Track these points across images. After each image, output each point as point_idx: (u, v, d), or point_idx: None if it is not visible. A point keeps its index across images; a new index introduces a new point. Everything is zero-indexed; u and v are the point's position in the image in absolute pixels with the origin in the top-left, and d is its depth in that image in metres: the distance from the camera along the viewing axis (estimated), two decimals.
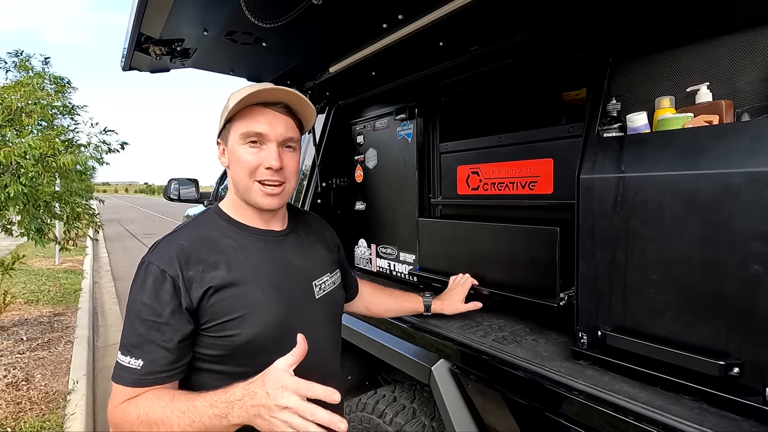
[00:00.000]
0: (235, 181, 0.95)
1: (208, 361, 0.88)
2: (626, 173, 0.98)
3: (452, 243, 1.60)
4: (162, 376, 0.82)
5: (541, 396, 1.04)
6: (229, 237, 0.94)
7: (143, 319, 0.82)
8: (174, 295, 0.83)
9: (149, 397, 0.80)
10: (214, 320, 0.86)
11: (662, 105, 0.99)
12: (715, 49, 0.96)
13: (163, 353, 0.82)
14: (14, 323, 4.49)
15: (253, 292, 0.90)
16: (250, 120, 0.92)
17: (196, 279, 0.85)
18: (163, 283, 0.83)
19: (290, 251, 1.02)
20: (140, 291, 0.84)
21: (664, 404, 0.87)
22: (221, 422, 0.73)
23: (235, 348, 0.87)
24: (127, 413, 0.79)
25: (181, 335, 0.83)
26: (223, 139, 0.97)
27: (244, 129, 0.92)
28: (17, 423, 2.70)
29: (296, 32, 1.47)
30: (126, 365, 0.81)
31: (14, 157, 3.69)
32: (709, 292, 0.85)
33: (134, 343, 0.82)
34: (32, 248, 8.30)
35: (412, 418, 1.51)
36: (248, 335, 0.87)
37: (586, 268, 1.06)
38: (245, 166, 0.92)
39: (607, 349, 1.02)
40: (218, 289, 0.86)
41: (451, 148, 1.77)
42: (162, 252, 0.88)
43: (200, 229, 0.94)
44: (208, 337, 0.86)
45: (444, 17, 1.24)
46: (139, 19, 1.34)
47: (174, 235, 0.93)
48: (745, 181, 0.80)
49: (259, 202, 0.94)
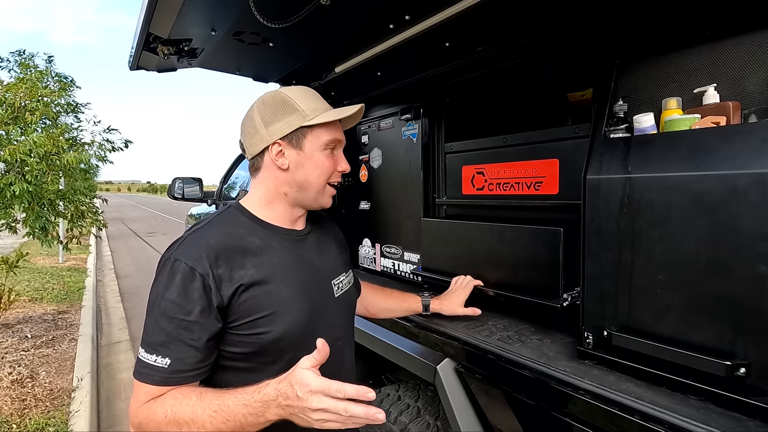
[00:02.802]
0: (308, 183, 0.98)
1: (233, 359, 0.88)
2: (633, 174, 0.98)
3: (455, 243, 1.60)
4: (189, 375, 0.82)
5: (546, 395, 1.04)
6: (255, 235, 0.94)
7: (171, 317, 0.81)
8: (204, 293, 0.82)
9: (176, 396, 0.80)
10: (244, 318, 0.86)
11: (669, 106, 0.99)
12: (723, 51, 0.96)
13: (192, 352, 0.81)
14: (19, 321, 4.52)
15: (281, 290, 0.90)
16: (332, 129, 0.99)
17: (226, 277, 0.85)
18: (192, 280, 0.82)
19: (311, 251, 1.03)
20: (167, 288, 0.83)
21: (670, 404, 0.87)
22: (257, 420, 0.74)
23: (264, 345, 0.87)
24: (154, 412, 0.79)
25: (210, 334, 0.83)
26: (291, 141, 0.96)
27: (330, 137, 0.98)
28: (22, 419, 2.71)
29: (303, 32, 1.48)
30: (152, 363, 0.80)
31: (19, 155, 3.71)
32: (716, 293, 0.86)
33: (161, 342, 0.81)
34: (36, 246, 8.33)
35: (417, 417, 1.52)
36: (278, 333, 0.88)
37: (592, 268, 1.06)
38: (326, 170, 0.99)
39: (612, 349, 1.03)
40: (249, 287, 0.86)
41: (456, 148, 1.77)
42: (189, 249, 0.87)
43: (226, 227, 0.94)
44: (236, 335, 0.86)
45: (451, 18, 1.24)
46: (147, 19, 1.35)
47: (199, 232, 0.92)
48: (752, 182, 0.80)
49: (326, 202, 1.02)
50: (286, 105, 0.95)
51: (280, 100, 0.95)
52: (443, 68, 1.64)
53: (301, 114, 0.94)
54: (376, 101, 2.12)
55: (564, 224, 1.26)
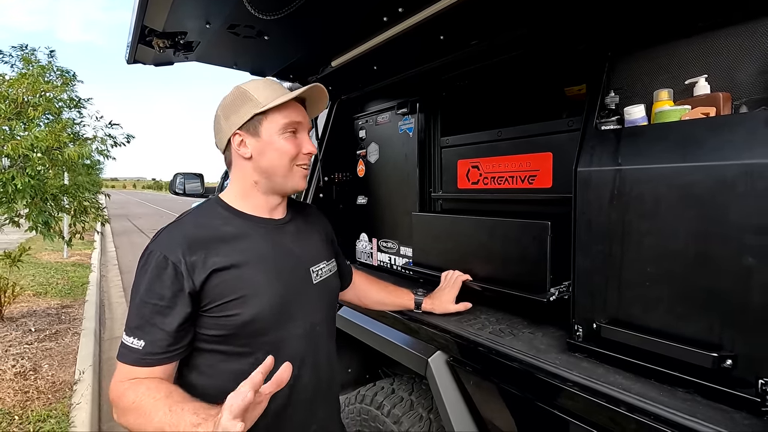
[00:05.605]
0: (272, 168, 1.00)
1: (209, 341, 0.93)
2: (623, 166, 0.97)
3: (445, 238, 1.59)
4: (162, 357, 0.87)
5: (535, 387, 1.04)
6: (230, 224, 0.99)
7: (145, 302, 0.87)
8: (176, 279, 0.87)
9: (149, 386, 0.83)
10: (216, 301, 0.90)
11: (660, 97, 0.99)
12: (714, 41, 0.95)
13: (163, 335, 0.86)
14: (23, 314, 4.56)
15: (254, 275, 0.94)
16: (288, 111, 1.00)
17: (199, 264, 0.89)
18: (165, 268, 0.88)
19: (289, 238, 1.06)
20: (143, 276, 0.89)
21: (657, 396, 0.87)
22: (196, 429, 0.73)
23: (236, 328, 0.91)
24: (125, 394, 0.83)
25: (181, 319, 0.87)
26: (248, 130, 0.99)
27: (286, 120, 0.99)
28: (24, 411, 2.75)
29: (298, 25, 1.48)
30: (129, 345, 0.87)
31: (22, 150, 3.73)
32: (704, 285, 0.85)
33: (137, 325, 0.87)
34: (41, 242, 8.40)
35: (410, 409, 1.53)
36: (248, 315, 0.91)
37: (583, 261, 1.06)
38: (289, 153, 1.00)
39: (601, 342, 1.03)
40: (220, 271, 0.91)
41: (451, 143, 1.77)
42: (164, 240, 0.93)
43: (202, 218, 0.99)
44: (209, 317, 0.91)
45: (444, 10, 1.24)
46: (142, 12, 1.35)
47: (176, 223, 0.97)
48: (740, 173, 0.80)
49: (297, 184, 1.04)
50: (242, 96, 0.99)
51: (238, 93, 1.00)
52: (438, 62, 1.63)
53: (255, 102, 0.98)
54: (373, 95, 2.12)
55: (558, 218, 1.25)
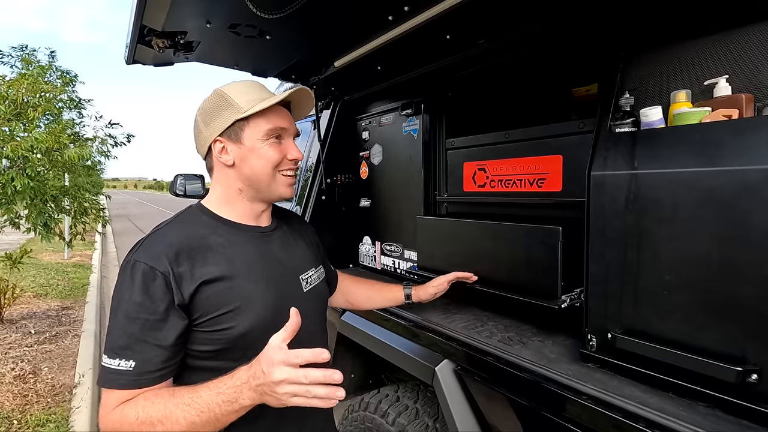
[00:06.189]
0: (255, 175, 0.95)
1: (201, 358, 0.87)
2: (639, 170, 0.94)
3: (451, 242, 1.56)
4: (156, 375, 0.81)
5: (547, 399, 1.01)
6: (216, 233, 0.93)
7: (134, 318, 0.80)
8: (167, 290, 0.81)
9: (147, 397, 0.78)
10: (207, 315, 0.85)
11: (678, 99, 0.95)
12: (735, 40, 0.91)
13: (157, 351, 0.80)
14: (23, 316, 4.53)
15: (245, 285, 0.89)
16: (272, 117, 0.95)
17: (187, 275, 0.84)
18: (153, 279, 0.81)
19: (277, 246, 1.02)
20: (128, 290, 0.81)
21: (677, 411, 0.83)
22: (232, 407, 0.73)
23: (230, 341, 0.86)
24: (125, 415, 0.77)
25: (177, 332, 0.82)
26: (230, 136, 0.95)
27: (270, 126, 0.94)
28: (23, 415, 2.72)
29: (300, 25, 1.44)
30: (115, 368, 0.79)
31: (21, 151, 3.70)
32: (727, 294, 0.82)
33: (123, 345, 0.79)
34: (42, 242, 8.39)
35: (415, 418, 1.49)
36: (243, 327, 0.87)
37: (596, 267, 1.03)
38: (272, 159, 0.95)
39: (616, 352, 0.99)
40: (210, 283, 0.85)
41: (457, 144, 1.73)
42: (148, 250, 0.86)
43: (185, 226, 0.93)
44: (201, 332, 0.85)
45: (451, 8, 1.20)
46: (140, 11, 1.32)
47: (158, 233, 0.90)
48: (765, 178, 0.76)
49: (283, 192, 0.99)
50: (223, 101, 0.94)
51: (218, 97, 0.95)
52: (444, 62, 1.59)
53: (236, 108, 0.93)
54: (377, 96, 2.08)
55: (568, 222, 1.21)
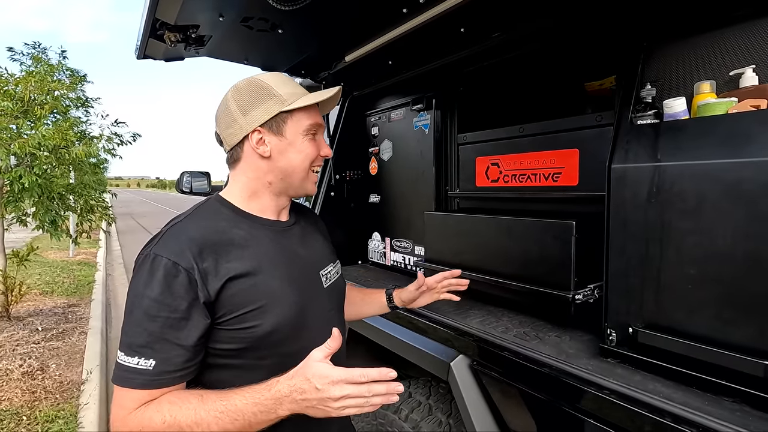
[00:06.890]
0: (292, 169, 0.94)
1: (224, 356, 0.84)
2: (662, 162, 0.93)
3: (461, 238, 1.54)
4: (176, 376, 0.77)
5: (567, 394, 0.99)
6: (238, 227, 0.90)
7: (154, 316, 0.76)
8: (190, 287, 0.78)
9: (173, 401, 0.76)
10: (233, 312, 0.82)
11: (702, 90, 0.93)
12: (761, 29, 0.90)
13: (179, 351, 0.77)
14: (30, 314, 4.55)
15: (270, 282, 0.87)
16: (312, 113, 0.95)
17: (212, 271, 0.81)
18: (176, 276, 0.77)
19: (296, 241, 1.00)
20: (147, 286, 0.77)
21: (703, 405, 0.82)
22: (268, 417, 0.73)
23: (256, 340, 0.83)
24: (149, 418, 0.75)
25: (200, 331, 0.79)
26: (272, 128, 0.92)
27: (311, 121, 0.94)
28: (32, 412, 2.72)
29: (313, 18, 1.43)
30: (134, 367, 0.75)
31: (29, 148, 3.71)
32: (754, 288, 0.80)
33: (143, 343, 0.76)
34: (47, 240, 8.42)
35: (429, 414, 1.48)
36: (269, 326, 0.84)
37: (617, 262, 1.01)
38: (310, 155, 0.95)
39: (638, 347, 0.98)
40: (236, 279, 0.82)
41: (469, 139, 1.72)
42: (169, 244, 0.82)
43: (207, 220, 0.90)
44: (226, 330, 0.82)
45: (468, 0, 1.19)
46: (154, 4, 1.31)
47: (178, 226, 0.86)
48: None
49: (310, 189, 0.99)
50: (263, 91, 0.91)
51: (256, 86, 0.92)
52: (457, 56, 1.58)
53: (280, 99, 0.90)
54: (387, 91, 2.07)
55: (584, 217, 1.20)
